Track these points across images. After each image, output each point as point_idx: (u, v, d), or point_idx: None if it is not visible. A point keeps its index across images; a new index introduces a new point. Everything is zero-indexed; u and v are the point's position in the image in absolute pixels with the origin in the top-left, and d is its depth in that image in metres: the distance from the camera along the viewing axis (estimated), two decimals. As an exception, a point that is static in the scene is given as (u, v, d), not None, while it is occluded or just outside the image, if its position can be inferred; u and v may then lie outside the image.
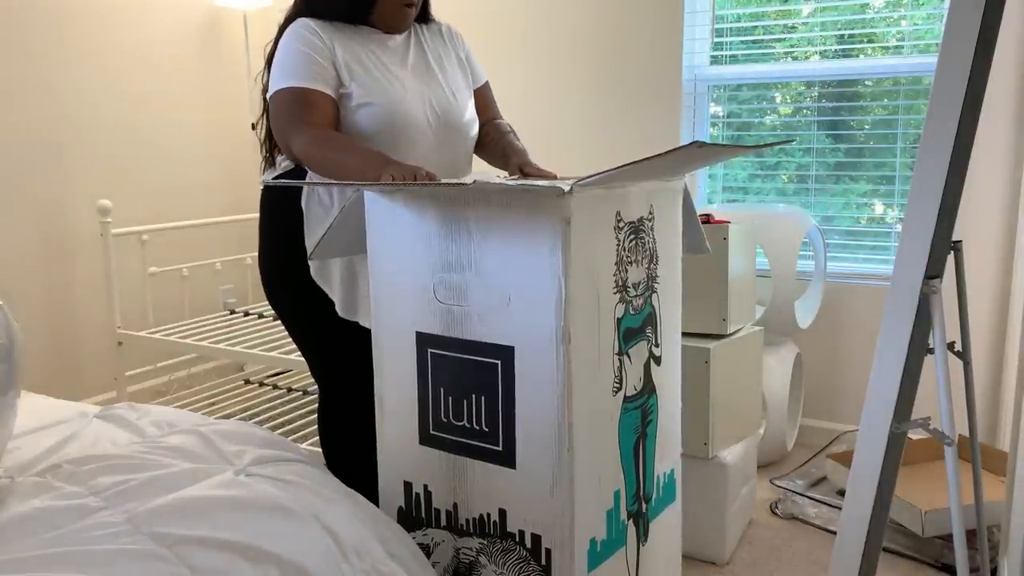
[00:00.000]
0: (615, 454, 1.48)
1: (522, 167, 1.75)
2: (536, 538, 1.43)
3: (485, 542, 1.50)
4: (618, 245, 1.43)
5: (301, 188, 1.76)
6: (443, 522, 1.56)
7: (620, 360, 1.47)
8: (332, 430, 1.90)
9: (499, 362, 1.41)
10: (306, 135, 1.63)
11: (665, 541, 1.68)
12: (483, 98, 1.96)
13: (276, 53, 1.72)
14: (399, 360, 1.55)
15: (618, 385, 1.47)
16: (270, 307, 3.21)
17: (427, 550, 1.58)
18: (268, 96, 1.71)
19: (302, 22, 1.71)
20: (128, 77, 3.17)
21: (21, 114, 2.84)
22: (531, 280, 1.34)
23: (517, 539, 1.45)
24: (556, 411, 1.35)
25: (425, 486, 1.57)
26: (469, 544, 1.53)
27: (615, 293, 1.43)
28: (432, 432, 1.53)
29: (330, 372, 1.85)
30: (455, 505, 1.53)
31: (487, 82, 1.97)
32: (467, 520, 1.52)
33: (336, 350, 1.81)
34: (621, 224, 1.43)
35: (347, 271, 1.75)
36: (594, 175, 1.28)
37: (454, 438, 1.50)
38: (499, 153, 1.86)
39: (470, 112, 1.86)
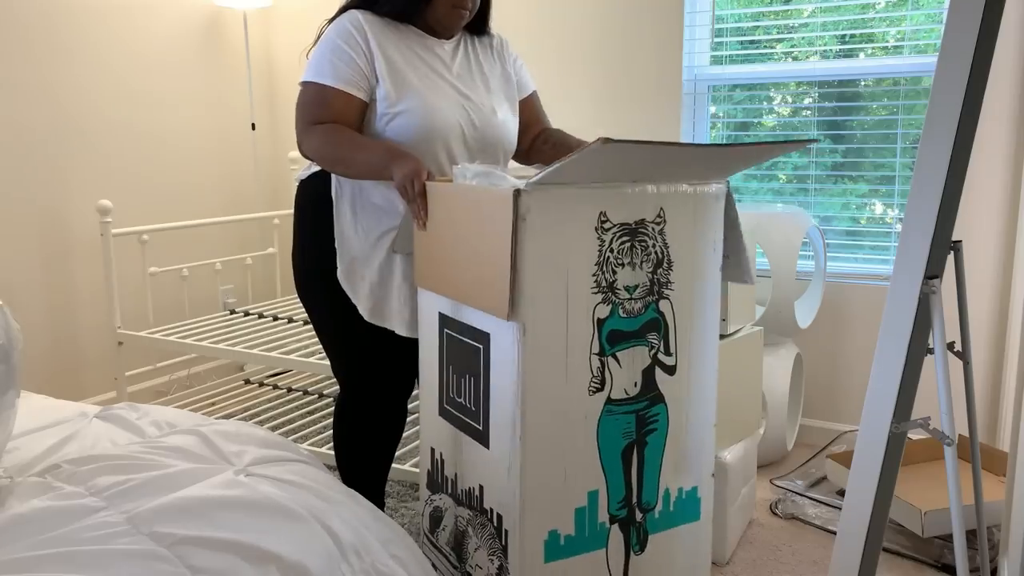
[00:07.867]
0: (592, 454, 1.49)
1: None
2: (499, 518, 1.50)
3: (471, 514, 1.59)
4: (602, 245, 1.43)
5: (331, 187, 1.75)
6: (449, 489, 1.68)
7: (602, 361, 1.47)
8: (349, 432, 1.89)
9: (482, 347, 1.49)
10: (317, 134, 1.62)
11: (677, 557, 1.66)
12: (532, 108, 1.91)
13: (318, 41, 1.69)
14: (428, 338, 1.68)
15: (597, 386, 1.47)
16: (270, 307, 3.23)
17: (439, 513, 1.70)
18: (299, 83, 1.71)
19: (351, 15, 1.68)
20: (128, 77, 3.18)
21: (21, 114, 2.84)
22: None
23: (489, 516, 1.53)
24: (513, 398, 1.42)
25: (441, 454, 1.69)
26: (462, 513, 1.63)
27: (595, 293, 1.44)
28: (444, 406, 1.65)
29: (352, 374, 1.84)
30: (456, 475, 1.64)
31: (535, 91, 1.92)
32: (462, 491, 1.62)
33: (359, 353, 1.80)
34: (608, 225, 1.43)
35: (379, 275, 1.74)
36: (542, 171, 1.31)
37: (457, 414, 1.61)
38: (566, 151, 1.81)
39: (511, 129, 1.82)
